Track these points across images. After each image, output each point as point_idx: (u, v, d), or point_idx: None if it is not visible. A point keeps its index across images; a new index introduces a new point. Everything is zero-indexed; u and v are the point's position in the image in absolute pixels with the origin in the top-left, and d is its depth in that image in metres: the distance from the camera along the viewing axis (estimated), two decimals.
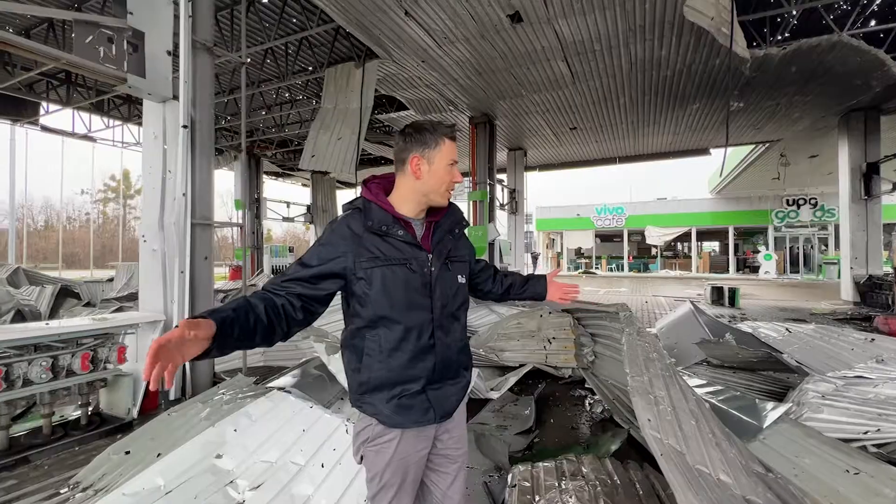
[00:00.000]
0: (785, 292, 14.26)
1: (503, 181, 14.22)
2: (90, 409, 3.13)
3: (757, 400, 3.31)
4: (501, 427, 3.31)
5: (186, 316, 3.51)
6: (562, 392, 4.12)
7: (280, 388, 3.22)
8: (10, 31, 6.86)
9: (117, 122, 11.12)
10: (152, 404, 3.32)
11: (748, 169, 16.51)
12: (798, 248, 22.19)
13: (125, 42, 3.21)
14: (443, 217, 1.33)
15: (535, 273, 1.60)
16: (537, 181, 31.56)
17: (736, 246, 24.14)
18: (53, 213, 32.90)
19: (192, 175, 3.51)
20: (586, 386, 4.19)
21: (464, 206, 11.34)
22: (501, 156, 14.07)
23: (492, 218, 11.04)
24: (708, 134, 12.57)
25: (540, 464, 2.45)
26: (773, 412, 2.99)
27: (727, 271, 23.45)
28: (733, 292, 10.57)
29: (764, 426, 2.89)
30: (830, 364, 4.36)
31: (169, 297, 3.47)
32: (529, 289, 1.57)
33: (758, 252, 22.78)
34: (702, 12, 4.52)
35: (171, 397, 3.44)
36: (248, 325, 1.03)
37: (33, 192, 33.39)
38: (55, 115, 10.41)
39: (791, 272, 21.91)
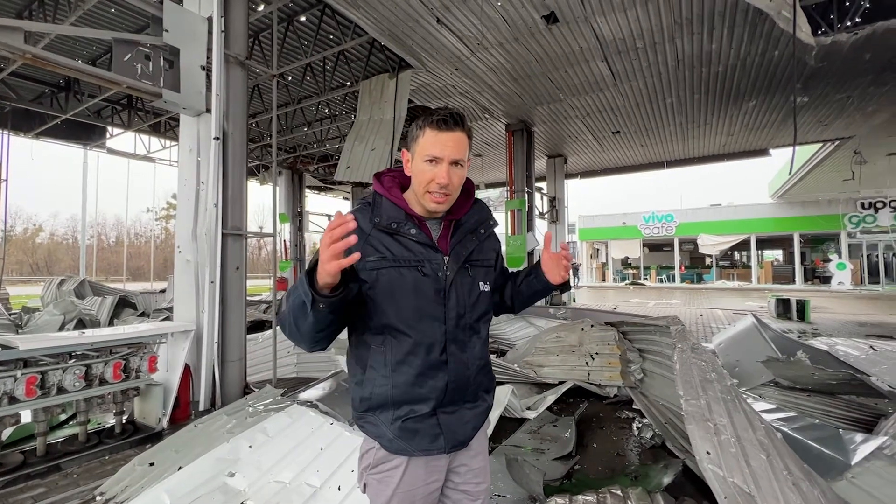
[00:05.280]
0: (864, 305, 12.82)
1: (542, 189, 13.85)
2: (124, 417, 3.17)
3: (841, 430, 2.84)
4: (538, 451, 3.03)
5: (217, 326, 3.52)
6: (606, 413, 3.77)
7: (305, 402, 3.13)
8: (79, 60, 7.48)
9: (173, 143, 11.85)
10: (183, 414, 3.32)
11: (815, 170, 15.12)
12: (877, 255, 20.02)
13: (161, 59, 3.31)
14: (465, 214, 1.15)
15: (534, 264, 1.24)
16: (580, 189, 30.67)
17: (803, 254, 22.18)
18: (123, 230, 35.81)
19: (223, 186, 3.55)
20: (634, 407, 3.81)
21: (501, 216, 11.08)
22: (540, 164, 13.72)
23: (531, 227, 10.71)
24: (767, 133, 11.62)
25: (580, 496, 2.17)
26: (863, 445, 2.53)
27: (793, 282, 21.56)
28: (802, 305, 9.58)
29: (853, 462, 2.44)
30: None
31: (200, 308, 3.50)
32: (525, 286, 1.23)
33: (829, 261, 20.75)
34: None
35: (202, 407, 3.43)
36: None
37: (106, 211, 36.59)
38: (119, 137, 11.27)
39: (870, 283, 19.79)
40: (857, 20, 6.57)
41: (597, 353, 4.33)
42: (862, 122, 10.53)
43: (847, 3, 6.60)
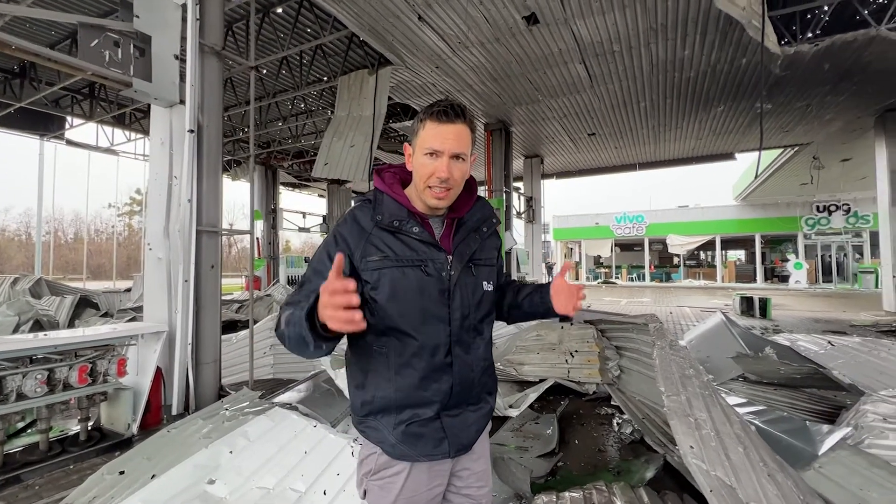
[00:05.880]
0: (819, 303, 13.55)
1: (520, 189, 13.99)
2: (90, 424, 2.99)
3: (808, 422, 2.98)
4: (521, 448, 3.05)
5: (191, 327, 3.38)
6: (586, 409, 3.84)
7: (285, 405, 3.05)
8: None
9: (139, 136, 11.34)
10: (154, 419, 3.17)
11: (776, 174, 15.88)
12: (830, 256, 21.21)
13: (131, 46, 3.14)
14: (468, 212, 1.11)
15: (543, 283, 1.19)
16: (555, 189, 31.19)
17: (763, 254, 23.25)
18: (83, 226, 34.02)
19: (198, 181, 3.41)
20: (612, 403, 3.89)
21: None
22: (518, 164, 13.86)
23: (508, 226, 10.81)
24: (733, 138, 12.13)
25: (566, 493, 2.19)
26: (828, 437, 2.66)
27: (754, 281, 22.57)
28: (764, 302, 10.04)
29: (819, 453, 2.57)
30: (882, 381, 4.00)
31: (173, 308, 3.35)
32: (527, 303, 1.17)
33: (787, 261, 21.85)
34: (733, 1, 4.27)
35: (174, 412, 3.29)
36: None
37: (63, 206, 34.69)
38: (80, 129, 10.69)
39: (824, 281, 20.95)
40: (818, 32, 6.93)
41: (576, 351, 4.40)
42: (820, 129, 11.12)
43: (809, 16, 6.95)
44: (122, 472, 2.36)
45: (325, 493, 2.04)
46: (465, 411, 1.06)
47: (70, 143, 10.94)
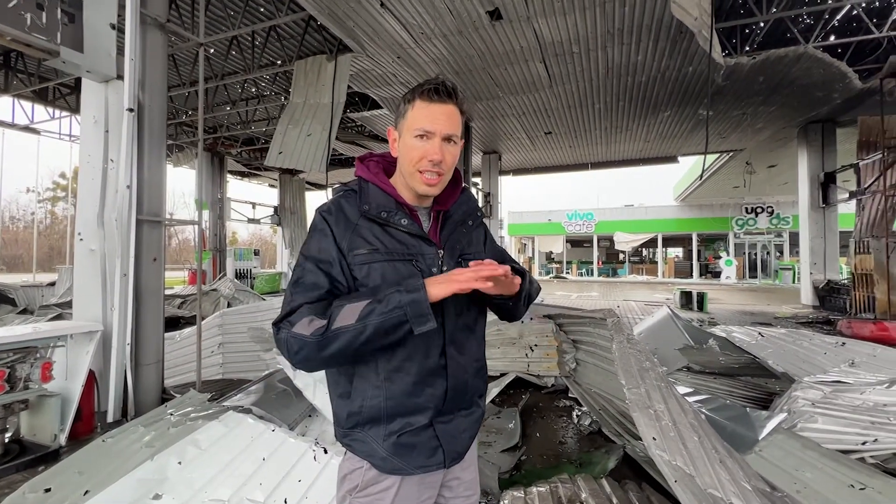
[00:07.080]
0: (746, 296, 14.75)
1: (478, 184, 14.10)
2: (7, 436, 2.66)
3: (747, 409, 3.21)
4: (485, 444, 3.06)
5: (129, 325, 3.09)
6: (546, 402, 3.92)
7: (238, 408, 2.86)
8: None
9: (64, 114, 10.24)
10: (86, 428, 2.87)
11: (713, 177, 17.08)
12: (756, 254, 23.17)
13: (59, 10, 2.79)
14: (453, 205, 1.05)
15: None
16: (509, 186, 31.77)
17: (699, 252, 24.99)
18: None
19: (138, 165, 3.10)
20: (570, 395, 4.01)
21: None
22: (476, 159, 13.95)
23: None
24: (677, 142, 12.87)
25: (534, 488, 2.21)
26: (767, 422, 2.88)
27: (691, 276, 24.20)
28: (701, 297, 10.78)
29: (759, 437, 2.77)
30: (805, 368, 4.37)
31: (108, 304, 3.04)
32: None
33: (719, 258, 23.63)
34: (686, 10, 4.49)
35: (110, 419, 3.00)
36: None
37: None
38: None
39: (750, 277, 22.84)
40: (755, 46, 7.48)
41: (535, 345, 4.49)
42: (752, 136, 12.06)
43: (748, 31, 7.48)
44: (47, 490, 2.11)
45: (285, 502, 1.93)
46: (457, 417, 1.00)
47: None
